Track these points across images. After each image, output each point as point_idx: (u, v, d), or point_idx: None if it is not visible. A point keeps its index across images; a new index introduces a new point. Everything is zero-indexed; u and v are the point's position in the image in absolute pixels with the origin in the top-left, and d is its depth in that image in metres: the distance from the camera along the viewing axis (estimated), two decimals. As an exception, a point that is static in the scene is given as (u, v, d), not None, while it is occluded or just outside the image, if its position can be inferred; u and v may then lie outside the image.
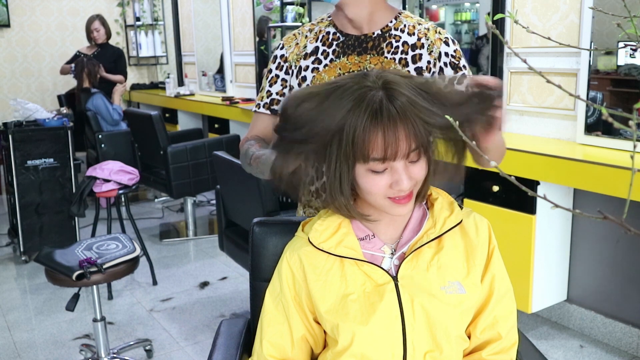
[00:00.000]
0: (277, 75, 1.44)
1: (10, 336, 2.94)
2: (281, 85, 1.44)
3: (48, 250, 2.45)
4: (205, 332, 2.91)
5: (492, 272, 1.14)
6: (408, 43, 1.37)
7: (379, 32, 1.38)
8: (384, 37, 1.38)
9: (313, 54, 1.40)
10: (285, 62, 1.44)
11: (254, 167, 1.33)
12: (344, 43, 1.39)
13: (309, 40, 1.42)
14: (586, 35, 2.50)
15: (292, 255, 1.15)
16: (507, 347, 1.13)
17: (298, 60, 1.42)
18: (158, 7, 6.47)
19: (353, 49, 1.38)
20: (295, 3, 4.07)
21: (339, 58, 1.38)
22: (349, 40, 1.39)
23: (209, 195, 5.10)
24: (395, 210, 1.06)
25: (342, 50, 1.38)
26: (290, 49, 1.44)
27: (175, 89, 5.77)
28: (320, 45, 1.40)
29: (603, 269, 2.68)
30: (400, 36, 1.37)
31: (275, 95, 1.45)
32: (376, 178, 1.03)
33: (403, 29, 1.38)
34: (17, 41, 6.14)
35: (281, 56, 1.45)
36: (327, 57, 1.39)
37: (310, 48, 1.41)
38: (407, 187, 1.02)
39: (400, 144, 0.99)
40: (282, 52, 1.45)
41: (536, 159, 2.43)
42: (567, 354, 2.61)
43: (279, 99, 1.44)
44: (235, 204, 2.88)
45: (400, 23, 1.39)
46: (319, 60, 1.40)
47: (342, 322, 1.07)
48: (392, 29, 1.38)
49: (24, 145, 3.74)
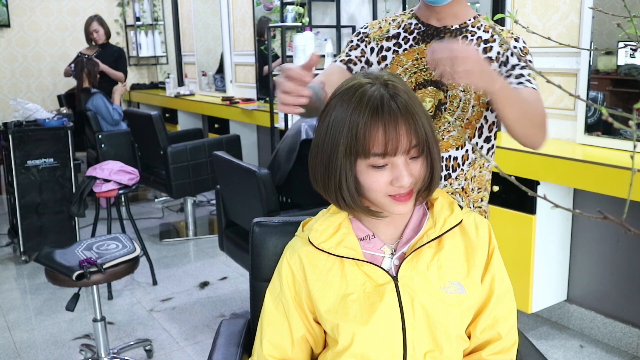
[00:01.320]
0: (358, 45, 1.54)
1: (10, 336, 2.94)
2: (360, 53, 1.53)
3: (48, 250, 2.45)
4: (205, 332, 2.91)
5: (492, 272, 1.14)
6: (482, 38, 1.48)
7: (457, 26, 1.49)
8: (461, 31, 1.49)
9: (395, 38, 1.51)
10: (367, 38, 1.54)
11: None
12: (424, 32, 1.49)
13: (392, 27, 1.53)
14: (586, 35, 2.50)
15: (292, 255, 1.16)
16: (507, 347, 1.13)
17: (380, 40, 1.52)
18: (158, 7, 6.47)
19: (432, 38, 1.49)
20: (295, 3, 4.07)
21: (417, 44, 1.49)
22: (430, 30, 1.49)
23: (209, 195, 5.10)
24: (395, 208, 1.07)
25: (421, 37, 1.49)
26: (373, 29, 1.54)
27: (175, 89, 5.77)
28: (402, 31, 1.52)
29: (603, 269, 2.68)
30: (475, 32, 1.48)
31: (354, 57, 1.53)
32: (377, 174, 1.04)
33: (480, 27, 1.49)
34: (17, 41, 6.14)
35: (364, 33, 1.55)
36: (407, 42, 1.50)
37: (393, 32, 1.52)
38: (408, 184, 1.03)
39: (401, 139, 1.01)
40: (366, 31, 1.55)
41: (536, 159, 2.43)
42: (567, 354, 2.61)
43: (357, 61, 1.52)
44: (235, 204, 2.88)
45: (477, 22, 1.50)
46: (399, 45, 1.50)
47: (342, 322, 1.07)
48: (469, 26, 1.49)
49: (24, 145, 3.74)
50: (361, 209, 1.09)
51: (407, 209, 1.08)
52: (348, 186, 1.06)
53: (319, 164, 1.09)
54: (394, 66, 1.49)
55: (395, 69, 1.48)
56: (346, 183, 1.06)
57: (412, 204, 1.09)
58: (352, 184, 1.06)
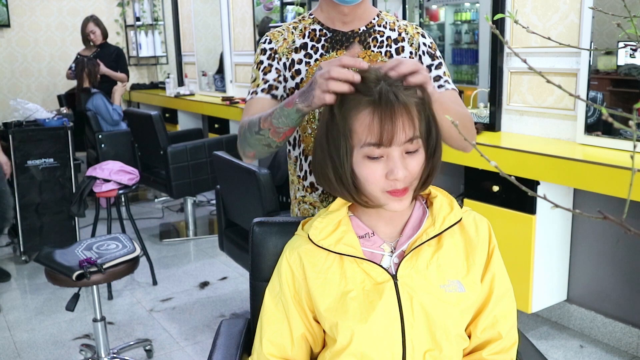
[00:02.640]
0: (270, 65, 1.45)
1: (10, 336, 2.94)
2: (276, 73, 1.45)
3: (48, 250, 2.45)
4: (205, 332, 2.91)
5: (492, 271, 1.14)
6: (391, 37, 1.47)
7: (364, 28, 1.46)
8: (369, 32, 1.46)
9: (303, 49, 1.45)
10: (275, 54, 1.46)
11: (263, 134, 1.29)
12: (332, 38, 1.45)
13: (296, 36, 1.47)
14: (586, 35, 2.50)
15: (291, 254, 1.16)
16: (507, 346, 1.13)
17: (289, 53, 1.45)
18: (158, 7, 6.47)
19: (341, 44, 1.45)
20: (295, 3, 4.07)
21: (328, 52, 1.44)
22: (337, 35, 1.45)
23: (209, 195, 5.10)
24: (391, 204, 1.07)
25: (330, 45, 1.45)
26: (278, 42, 1.46)
27: (175, 89, 5.77)
28: (308, 41, 1.46)
29: (603, 269, 2.68)
30: (383, 31, 1.47)
31: (273, 81, 1.44)
32: (372, 166, 1.04)
33: (385, 25, 1.48)
34: (17, 41, 6.14)
35: (270, 49, 1.46)
36: (317, 52, 1.45)
37: (299, 43, 1.46)
38: (402, 176, 1.03)
39: (397, 130, 1.02)
40: (272, 46, 1.47)
41: (536, 159, 2.43)
42: (567, 354, 2.61)
43: (277, 84, 1.44)
44: (235, 204, 2.88)
45: (382, 20, 1.49)
46: (310, 55, 1.45)
47: (341, 320, 1.07)
48: (375, 25, 1.47)
49: (24, 145, 3.74)
50: (359, 198, 1.10)
51: (403, 206, 1.08)
52: (345, 176, 1.07)
53: (321, 156, 1.11)
54: (309, 78, 1.40)
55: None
56: (344, 173, 1.07)
57: (408, 201, 1.09)
58: (348, 174, 1.07)
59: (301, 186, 1.51)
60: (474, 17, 3.55)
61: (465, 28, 3.59)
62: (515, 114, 2.93)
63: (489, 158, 0.61)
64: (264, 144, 1.31)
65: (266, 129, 1.28)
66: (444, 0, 3.57)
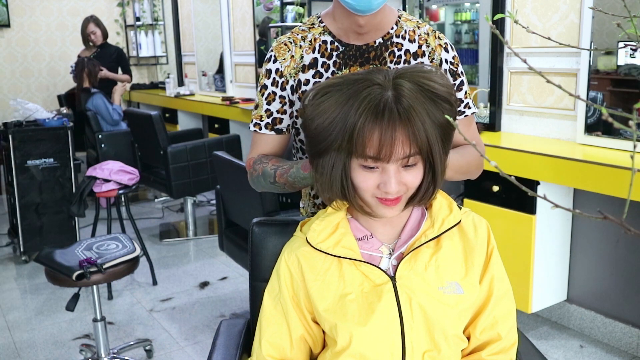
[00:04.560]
0: (274, 92, 1.35)
1: (10, 336, 2.94)
2: (280, 103, 1.35)
3: (48, 250, 2.45)
4: (205, 332, 2.91)
5: (491, 272, 1.14)
6: (410, 51, 1.34)
7: (380, 40, 1.33)
8: (386, 45, 1.33)
9: (312, 67, 1.33)
10: (281, 78, 1.34)
11: (279, 185, 1.29)
12: (344, 54, 1.33)
13: (305, 50, 1.34)
14: (586, 35, 2.50)
15: (290, 256, 1.15)
16: (506, 347, 1.13)
17: (296, 73, 1.33)
18: (158, 7, 6.47)
19: (355, 60, 1.33)
20: (295, 3, 4.07)
21: (340, 70, 1.32)
22: (350, 50, 1.33)
23: (209, 195, 5.10)
24: (381, 211, 1.07)
25: (343, 61, 1.33)
26: (285, 62, 1.34)
27: (175, 89, 5.77)
28: (318, 56, 1.33)
29: (603, 269, 2.68)
30: (402, 44, 1.34)
31: (277, 114, 1.36)
32: (367, 175, 1.04)
33: (404, 35, 1.34)
34: (17, 41, 6.14)
35: (276, 70, 1.34)
36: (329, 70, 1.33)
37: (308, 59, 1.33)
38: (394, 191, 1.03)
39: (396, 147, 0.99)
40: (277, 66, 1.34)
41: (536, 159, 2.43)
42: (567, 354, 2.61)
43: (281, 117, 1.36)
44: (235, 204, 2.88)
45: (401, 29, 1.35)
46: (320, 74, 1.33)
47: (341, 322, 1.07)
48: (393, 36, 1.34)
49: (24, 145, 3.74)
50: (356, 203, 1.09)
51: (393, 213, 1.08)
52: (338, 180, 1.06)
53: (313, 153, 1.09)
54: None
55: None
56: (337, 177, 1.06)
57: (400, 209, 1.08)
58: (340, 178, 1.06)
59: (312, 203, 1.48)
60: (474, 17, 3.55)
61: (465, 28, 3.59)
62: (515, 114, 2.93)
63: (489, 158, 0.61)
64: (280, 189, 1.32)
65: (282, 183, 1.29)
66: (444, 0, 3.57)
